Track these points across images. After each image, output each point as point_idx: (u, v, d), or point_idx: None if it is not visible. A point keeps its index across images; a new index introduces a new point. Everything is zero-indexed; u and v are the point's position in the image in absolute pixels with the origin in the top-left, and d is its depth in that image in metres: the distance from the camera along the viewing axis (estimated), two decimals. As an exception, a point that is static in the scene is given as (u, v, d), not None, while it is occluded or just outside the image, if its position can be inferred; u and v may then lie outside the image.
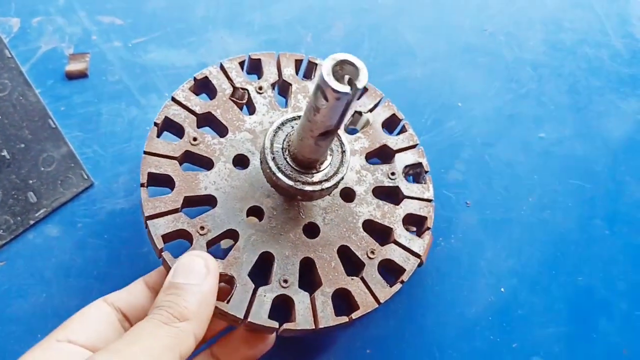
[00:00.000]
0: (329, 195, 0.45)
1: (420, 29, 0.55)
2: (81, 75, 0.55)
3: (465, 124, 0.52)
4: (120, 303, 0.40)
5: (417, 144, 0.49)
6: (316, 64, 0.50)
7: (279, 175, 0.42)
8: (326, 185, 0.42)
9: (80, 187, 0.53)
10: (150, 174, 0.44)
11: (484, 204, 0.50)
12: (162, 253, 0.42)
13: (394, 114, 0.49)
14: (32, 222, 0.52)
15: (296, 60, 0.50)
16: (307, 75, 0.50)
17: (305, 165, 0.42)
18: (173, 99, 0.47)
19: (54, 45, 0.56)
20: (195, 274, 0.37)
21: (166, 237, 0.43)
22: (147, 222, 0.43)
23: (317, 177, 0.42)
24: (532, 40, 0.54)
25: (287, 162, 0.42)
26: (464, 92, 0.53)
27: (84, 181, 0.53)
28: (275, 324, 0.42)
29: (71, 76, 0.55)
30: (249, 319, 0.42)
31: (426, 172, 0.48)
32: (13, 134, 0.54)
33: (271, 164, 0.42)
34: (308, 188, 0.42)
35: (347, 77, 0.34)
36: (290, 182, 0.42)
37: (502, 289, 0.49)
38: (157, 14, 0.57)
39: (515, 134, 0.52)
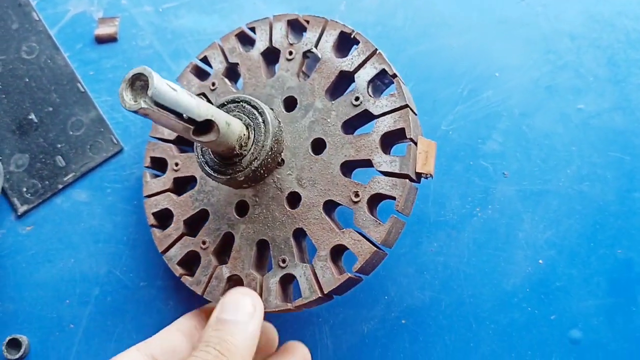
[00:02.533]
0: (277, 164, 0.43)
1: (455, -1, 0.54)
2: (110, 39, 0.55)
3: (502, 95, 0.51)
4: (155, 351, 0.39)
5: (375, 50, 0.43)
6: (254, 28, 0.48)
7: (215, 174, 0.41)
8: (255, 164, 0.41)
9: (109, 152, 0.52)
10: (154, 214, 0.48)
11: (521, 175, 0.49)
12: (182, 278, 0.46)
13: (341, 32, 0.45)
14: (60, 186, 0.52)
15: (236, 35, 0.49)
16: (250, 43, 0.49)
17: (227, 156, 0.41)
18: (152, 139, 0.49)
19: (82, 9, 0.56)
20: (243, 312, 0.38)
21: (180, 263, 0.46)
22: (163, 256, 0.47)
23: (245, 161, 0.41)
24: (570, 11, 0.53)
25: (214, 159, 0.41)
26: (501, 63, 0.52)
27: (113, 146, 0.52)
28: (288, 305, 0.42)
29: (100, 40, 0.55)
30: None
31: (393, 76, 0.43)
32: (41, 97, 0.53)
33: (206, 168, 0.42)
34: (240, 175, 0.41)
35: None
36: (223, 177, 0.41)
37: (540, 261, 0.48)
38: (188, -21, 0.56)
39: (553, 105, 0.51)
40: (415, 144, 0.41)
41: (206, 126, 0.37)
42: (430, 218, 0.49)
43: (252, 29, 0.48)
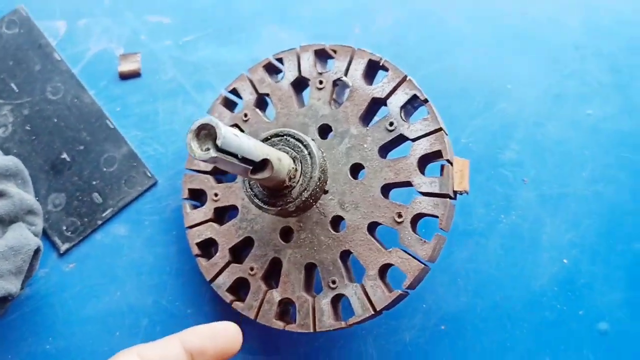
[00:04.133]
0: (324, 192, 0.46)
1: (464, 16, 0.57)
2: (134, 75, 0.56)
3: (515, 106, 0.54)
4: None
5: (404, 77, 0.46)
6: (281, 59, 0.50)
7: (265, 206, 0.43)
8: (305, 195, 0.43)
9: (144, 186, 0.54)
10: (197, 244, 0.50)
11: (540, 181, 0.53)
12: (232, 305, 0.48)
13: (369, 60, 0.47)
14: (99, 222, 0.53)
15: (264, 67, 0.50)
16: (276, 72, 0.51)
17: (277, 189, 0.43)
18: (188, 172, 0.51)
19: (103, 47, 0.57)
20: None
21: (229, 289, 0.48)
22: (211, 284, 0.49)
23: (294, 192, 0.43)
24: (572, 22, 0.56)
25: (263, 192, 0.43)
26: (513, 75, 0.55)
27: (147, 179, 0.54)
28: (342, 324, 0.45)
29: (124, 76, 0.56)
30: (317, 330, 0.45)
31: (425, 101, 0.45)
32: (71, 136, 0.55)
33: (256, 200, 0.44)
34: (291, 206, 0.43)
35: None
36: (274, 208, 0.43)
37: (565, 261, 0.51)
38: (204, 11, 0.58)
39: (563, 113, 0.54)
40: (451, 164, 0.44)
41: (261, 164, 0.39)
42: (459, 227, 0.52)
43: (279, 60, 0.50)
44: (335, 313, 0.45)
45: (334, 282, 0.45)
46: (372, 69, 0.48)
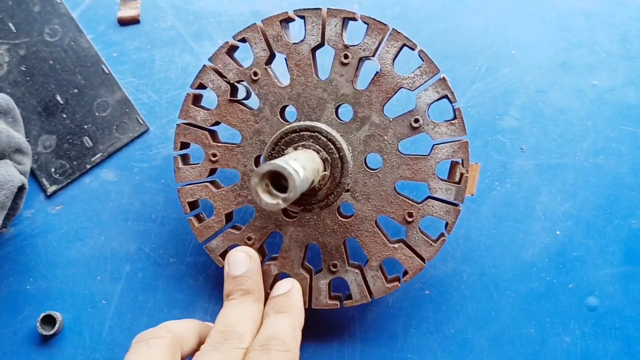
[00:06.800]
0: (345, 191, 0.44)
1: (471, -22, 0.55)
2: (133, 21, 0.55)
3: (518, 72, 0.53)
4: (180, 335, 0.41)
5: (437, 73, 0.43)
6: (304, 17, 0.45)
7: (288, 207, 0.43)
8: (331, 198, 0.43)
9: (135, 132, 0.53)
10: (189, 203, 0.47)
11: (538, 150, 0.51)
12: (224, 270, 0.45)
13: (404, 44, 0.43)
14: (88, 166, 0.53)
15: (281, 21, 0.45)
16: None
17: (305, 194, 0.43)
18: (182, 123, 0.47)
19: (103, -9, 0.56)
20: (243, 263, 0.44)
21: (223, 255, 0.47)
22: (204, 247, 0.47)
23: (320, 194, 0.43)
24: (583, -11, 0.54)
25: None
26: (517, 40, 0.53)
27: (139, 126, 0.53)
28: (337, 304, 0.45)
29: (123, 22, 0.55)
30: (313, 307, 0.46)
31: (453, 103, 0.43)
32: (66, 79, 0.54)
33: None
34: (315, 207, 0.44)
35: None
36: (296, 207, 0.44)
37: (558, 232, 0.50)
38: (207, -39, 0.57)
39: (568, 81, 0.52)
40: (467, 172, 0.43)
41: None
42: (451, 192, 0.51)
43: (301, 17, 0.45)
44: (330, 293, 0.46)
45: (334, 265, 0.45)
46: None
